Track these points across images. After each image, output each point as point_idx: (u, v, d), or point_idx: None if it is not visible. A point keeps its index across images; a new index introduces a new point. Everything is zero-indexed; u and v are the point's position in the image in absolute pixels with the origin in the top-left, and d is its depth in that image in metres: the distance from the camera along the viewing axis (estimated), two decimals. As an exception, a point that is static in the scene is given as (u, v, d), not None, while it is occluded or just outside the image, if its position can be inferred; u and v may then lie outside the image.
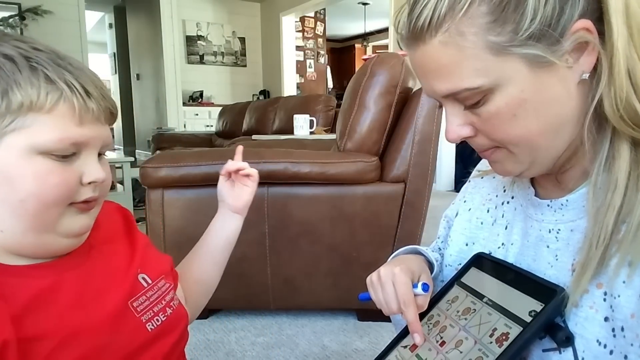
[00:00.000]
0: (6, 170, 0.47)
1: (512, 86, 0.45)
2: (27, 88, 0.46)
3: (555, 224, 0.53)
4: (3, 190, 0.47)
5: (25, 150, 0.47)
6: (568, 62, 0.45)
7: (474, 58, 0.45)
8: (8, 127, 0.46)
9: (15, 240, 0.50)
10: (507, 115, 0.47)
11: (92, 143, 0.51)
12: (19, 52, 0.48)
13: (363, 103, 1.42)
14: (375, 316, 1.53)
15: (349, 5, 6.98)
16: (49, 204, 0.49)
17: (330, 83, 8.07)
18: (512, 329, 0.48)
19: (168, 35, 5.66)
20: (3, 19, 4.36)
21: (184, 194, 1.38)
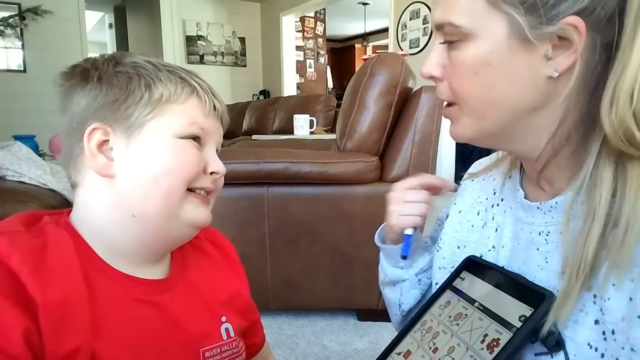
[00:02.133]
0: (146, 153, 0.52)
1: (486, 43, 0.46)
2: (166, 83, 0.53)
3: (545, 227, 0.52)
4: (141, 173, 0.52)
5: (165, 135, 0.52)
6: (547, 53, 0.45)
7: None
8: (148, 115, 0.52)
9: (142, 227, 0.53)
10: (469, 69, 0.48)
11: (214, 136, 0.57)
12: (155, 61, 0.55)
13: (363, 103, 1.42)
14: (375, 316, 1.53)
15: (349, 5, 6.98)
16: (179, 180, 0.53)
17: (330, 83, 8.07)
18: (502, 334, 0.48)
19: (168, 35, 5.66)
20: (3, 19, 4.36)
21: (184, 194, 1.38)
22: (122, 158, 0.52)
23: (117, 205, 0.52)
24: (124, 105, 0.51)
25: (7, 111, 4.39)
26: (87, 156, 0.51)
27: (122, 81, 0.52)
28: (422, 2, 4.20)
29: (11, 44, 4.52)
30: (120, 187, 0.52)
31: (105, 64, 0.53)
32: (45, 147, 3.12)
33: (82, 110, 0.52)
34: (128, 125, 0.52)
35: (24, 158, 2.12)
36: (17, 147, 2.19)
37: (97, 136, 0.51)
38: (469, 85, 0.49)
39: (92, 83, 0.52)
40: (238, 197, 1.40)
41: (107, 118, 0.52)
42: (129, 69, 0.53)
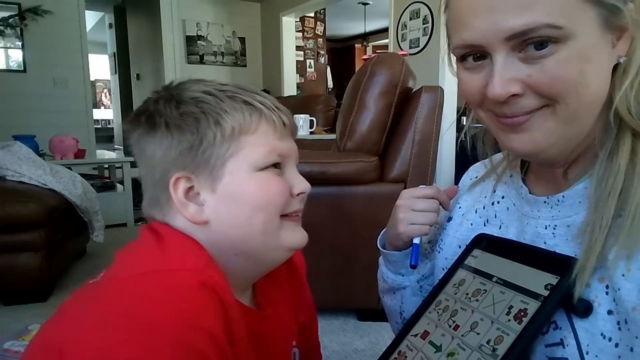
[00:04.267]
0: (231, 194, 0.51)
1: (586, 39, 0.43)
2: (233, 113, 0.51)
3: (552, 220, 0.53)
4: (233, 214, 0.52)
5: (246, 170, 0.52)
6: (613, 41, 0.45)
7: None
8: (227, 153, 0.51)
9: (243, 262, 0.53)
10: (574, 68, 0.44)
11: (291, 155, 0.56)
12: (211, 87, 0.53)
13: (363, 103, 1.42)
14: (375, 316, 1.53)
15: (349, 5, 6.98)
16: (272, 213, 0.53)
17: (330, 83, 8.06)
18: (529, 304, 0.47)
19: (168, 35, 5.66)
20: (3, 19, 4.35)
21: (184, 194, 1.38)
22: (211, 202, 0.51)
23: (216, 246, 0.51)
24: (200, 150, 0.50)
25: (7, 111, 4.38)
26: (178, 206, 0.51)
27: (190, 124, 0.50)
28: (422, 2, 4.20)
29: (11, 44, 4.52)
30: (216, 230, 0.52)
31: (166, 107, 0.52)
32: (45, 147, 3.12)
33: (160, 161, 0.51)
34: (209, 168, 0.51)
35: (24, 158, 2.12)
36: (17, 147, 2.19)
37: (182, 185, 0.51)
38: (571, 85, 0.44)
39: (161, 131, 0.51)
40: (238, 197, 1.40)
41: (187, 166, 0.51)
42: (192, 107, 0.51)
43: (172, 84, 0.55)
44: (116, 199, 3.11)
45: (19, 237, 1.72)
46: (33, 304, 1.77)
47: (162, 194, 0.52)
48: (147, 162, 0.53)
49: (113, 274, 0.49)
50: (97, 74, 8.73)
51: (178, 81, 0.56)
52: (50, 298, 1.84)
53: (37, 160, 2.16)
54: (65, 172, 2.19)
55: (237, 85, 0.55)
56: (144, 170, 0.54)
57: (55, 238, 1.87)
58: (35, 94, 4.57)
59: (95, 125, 5.65)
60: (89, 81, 4.96)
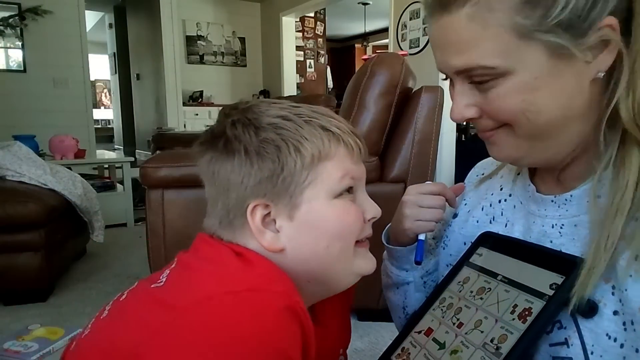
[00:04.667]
0: (310, 222, 0.51)
1: (527, 72, 0.45)
2: (312, 140, 0.50)
3: (559, 219, 0.53)
4: (310, 242, 0.51)
5: (324, 199, 0.51)
6: (587, 57, 0.45)
7: (496, 37, 0.44)
8: (306, 181, 0.50)
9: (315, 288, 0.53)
10: (515, 99, 0.46)
11: (362, 178, 0.56)
12: (287, 111, 0.52)
13: (363, 103, 1.42)
14: (375, 316, 1.53)
15: (349, 5, 6.98)
16: (349, 242, 0.53)
17: (330, 83, 8.06)
18: (534, 303, 0.47)
19: (168, 35, 5.66)
20: (3, 19, 4.35)
21: (184, 194, 1.38)
22: (287, 229, 0.51)
23: (289, 272, 0.50)
24: (281, 178, 0.50)
25: (7, 111, 4.38)
26: (255, 233, 0.50)
27: (271, 153, 0.49)
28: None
29: (11, 44, 4.52)
30: (290, 257, 0.51)
31: (245, 132, 0.50)
32: (45, 147, 3.12)
33: (236, 187, 0.51)
34: (288, 196, 0.50)
35: (24, 158, 2.12)
36: (17, 147, 2.19)
37: (260, 212, 0.50)
38: (517, 113, 0.47)
39: (239, 158, 0.50)
40: (238, 197, 1.40)
41: (266, 194, 0.50)
42: (271, 134, 0.50)
43: (243, 105, 0.54)
44: (116, 199, 3.11)
45: (19, 237, 1.72)
46: (33, 304, 1.77)
47: (237, 219, 0.51)
48: (220, 185, 0.52)
49: (190, 288, 0.47)
50: (97, 74, 8.73)
51: (249, 103, 0.54)
52: (50, 298, 1.84)
53: (37, 160, 2.16)
54: (65, 172, 2.19)
55: (311, 107, 0.54)
56: (213, 190, 0.54)
57: (55, 238, 1.87)
58: (35, 94, 4.57)
59: (95, 125, 5.66)
60: (89, 81, 4.96)
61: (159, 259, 1.36)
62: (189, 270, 0.51)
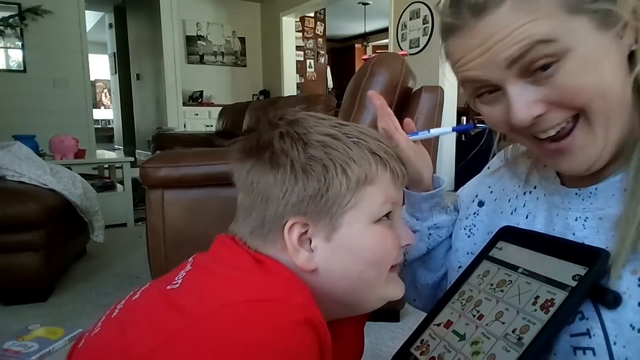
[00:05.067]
0: (347, 246, 0.50)
1: (586, 46, 0.44)
2: (360, 163, 0.50)
3: (583, 212, 0.53)
4: (345, 266, 0.50)
5: (364, 223, 0.50)
6: (619, 31, 0.45)
7: (548, 17, 0.43)
8: (348, 204, 0.49)
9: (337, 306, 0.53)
10: (586, 77, 0.44)
11: (400, 204, 0.55)
12: (336, 130, 0.51)
13: (363, 103, 1.42)
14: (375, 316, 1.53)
15: (349, 5, 6.98)
16: (384, 268, 0.52)
17: (330, 83, 8.07)
18: (556, 294, 0.46)
19: (168, 35, 5.66)
20: (3, 19, 4.35)
21: (184, 194, 1.38)
22: (323, 251, 0.50)
23: (316, 291, 0.49)
24: (324, 199, 0.49)
25: (7, 111, 4.39)
26: (290, 251, 0.49)
27: (317, 172, 0.48)
28: (422, 2, 4.20)
29: (11, 44, 4.52)
30: (321, 277, 0.50)
31: (293, 147, 0.49)
32: (45, 147, 3.12)
33: (276, 200, 0.49)
34: (329, 217, 0.49)
35: (24, 158, 2.12)
36: (17, 147, 2.19)
37: (297, 230, 0.49)
38: (592, 92, 0.45)
39: (284, 172, 0.49)
40: (238, 197, 1.40)
41: (307, 213, 0.49)
42: (320, 152, 0.49)
43: (291, 116, 0.52)
44: (116, 199, 3.11)
45: (19, 237, 1.72)
46: (33, 304, 1.77)
47: (271, 232, 0.50)
48: (258, 195, 0.51)
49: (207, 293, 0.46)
50: (97, 74, 8.73)
51: (296, 115, 0.53)
52: (50, 298, 1.84)
53: (37, 160, 2.16)
54: (65, 172, 2.19)
55: (358, 127, 0.53)
56: (248, 199, 0.52)
57: (55, 238, 1.87)
58: (35, 94, 4.58)
59: (95, 125, 5.66)
60: (89, 81, 4.96)
61: (159, 259, 1.36)
62: (207, 274, 0.50)
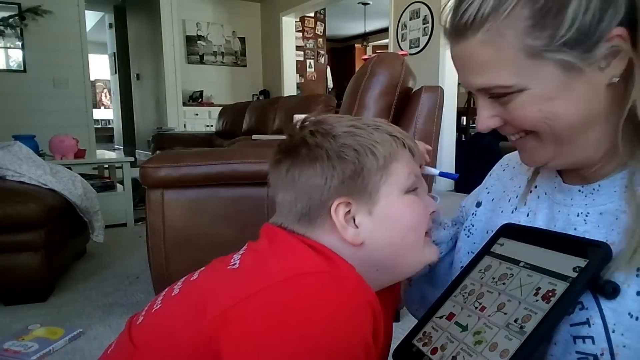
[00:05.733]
0: (387, 216, 0.57)
1: (541, 87, 0.48)
2: (383, 144, 0.58)
3: (585, 208, 0.54)
4: (389, 234, 0.57)
5: (396, 194, 0.58)
6: (600, 66, 0.47)
7: (510, 59, 0.47)
8: (381, 180, 0.57)
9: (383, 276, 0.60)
10: (532, 109, 0.49)
11: (420, 176, 0.62)
12: (356, 122, 0.59)
13: (363, 103, 1.42)
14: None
15: (349, 5, 6.98)
16: (420, 231, 0.60)
17: (330, 83, 8.07)
18: (557, 285, 0.48)
19: (168, 35, 5.66)
20: (3, 19, 4.35)
21: (184, 194, 1.38)
22: (367, 224, 0.57)
23: (361, 264, 0.55)
24: (360, 178, 0.56)
25: (7, 111, 4.39)
26: (339, 229, 0.56)
27: (350, 156, 0.56)
28: (422, 2, 4.20)
29: (11, 44, 4.52)
30: (368, 249, 0.57)
31: (325, 139, 0.56)
32: (45, 147, 3.12)
33: (320, 189, 0.56)
34: (367, 194, 0.57)
35: (24, 158, 2.12)
36: (17, 147, 2.19)
37: (342, 210, 0.56)
38: (536, 122, 0.50)
39: (322, 162, 0.56)
40: (238, 197, 1.40)
41: (349, 193, 0.56)
42: (349, 140, 0.56)
43: (314, 118, 0.60)
44: (116, 199, 3.11)
45: (19, 237, 1.72)
46: (33, 304, 1.77)
47: (319, 216, 0.57)
48: (302, 188, 0.57)
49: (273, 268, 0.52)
50: (97, 74, 8.73)
51: (318, 117, 0.60)
52: (50, 298, 1.84)
53: (37, 160, 2.16)
54: (65, 172, 2.19)
55: (371, 118, 0.62)
56: (291, 194, 0.58)
57: (55, 238, 1.87)
58: (35, 94, 4.58)
59: (95, 125, 5.66)
60: (89, 81, 4.96)
61: (159, 259, 1.36)
62: (266, 254, 0.56)
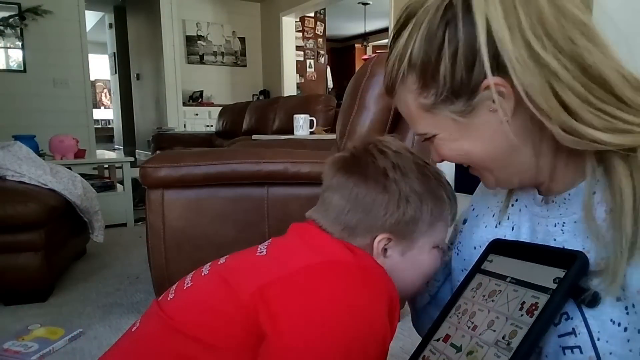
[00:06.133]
0: (414, 261, 0.64)
1: (445, 132, 0.56)
2: (441, 204, 0.64)
3: (560, 218, 0.56)
4: (405, 274, 0.64)
5: (428, 247, 0.65)
6: (490, 108, 0.51)
7: (416, 114, 0.57)
8: (425, 233, 0.63)
9: None
10: (446, 149, 0.58)
11: None
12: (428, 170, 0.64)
13: (363, 103, 1.42)
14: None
15: (349, 5, 6.98)
16: (429, 278, 0.69)
17: (330, 83, 8.06)
18: (539, 298, 0.50)
19: (168, 35, 5.66)
20: (3, 19, 4.36)
21: (184, 194, 1.38)
22: (394, 259, 0.63)
23: None
24: (412, 225, 0.62)
25: (7, 111, 4.39)
26: (374, 253, 0.62)
27: (415, 204, 0.61)
28: (422, 2, 4.20)
29: (11, 44, 4.52)
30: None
31: (402, 179, 0.61)
32: (45, 147, 3.12)
33: (376, 217, 0.61)
34: (410, 239, 0.63)
35: (24, 158, 2.11)
36: (17, 147, 2.19)
37: (383, 243, 0.62)
38: (452, 158, 0.59)
39: (392, 198, 0.60)
40: (238, 197, 1.40)
41: (397, 233, 0.62)
42: (421, 188, 0.61)
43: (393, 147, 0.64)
44: (116, 199, 3.11)
45: (19, 237, 1.72)
46: (33, 304, 1.76)
47: (360, 236, 0.62)
48: (359, 206, 0.61)
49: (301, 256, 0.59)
50: (97, 74, 8.73)
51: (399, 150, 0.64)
52: (50, 298, 1.83)
53: (37, 160, 2.16)
54: (65, 172, 2.19)
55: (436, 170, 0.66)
56: (347, 204, 0.62)
57: (55, 238, 1.87)
58: (35, 94, 4.57)
59: (95, 125, 5.66)
60: (89, 81, 4.96)
61: (159, 259, 1.36)
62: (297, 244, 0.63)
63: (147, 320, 0.61)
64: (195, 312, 0.57)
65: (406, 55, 0.53)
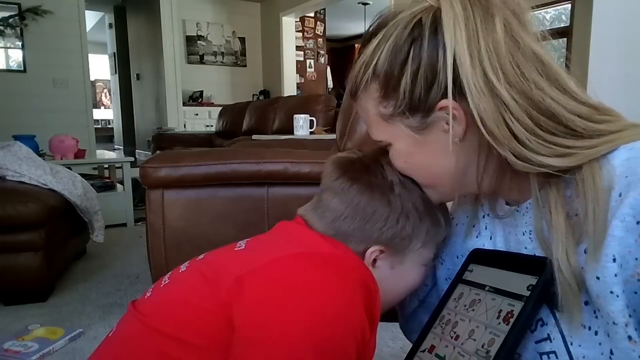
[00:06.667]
0: (402, 276, 0.66)
1: (402, 143, 0.58)
2: (437, 228, 0.65)
3: (526, 226, 0.57)
4: (391, 288, 0.65)
5: (417, 264, 0.66)
6: (443, 128, 0.53)
7: (375, 121, 0.59)
8: (416, 250, 0.64)
9: None
10: (400, 161, 0.60)
11: None
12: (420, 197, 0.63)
13: (363, 103, 1.42)
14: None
15: (349, 5, 6.98)
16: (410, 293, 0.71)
17: (330, 83, 8.06)
18: (515, 306, 0.51)
19: (168, 35, 5.66)
20: (3, 19, 4.36)
21: (184, 194, 1.38)
22: (383, 270, 0.64)
23: None
24: (407, 241, 0.63)
25: (7, 111, 4.39)
26: (364, 261, 0.63)
27: (415, 221, 0.62)
28: (422, 2, 4.20)
29: (11, 44, 4.53)
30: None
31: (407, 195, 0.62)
32: (45, 147, 3.12)
33: (373, 229, 0.62)
34: (402, 254, 0.64)
35: (24, 158, 2.12)
36: (17, 147, 2.19)
37: (375, 254, 0.63)
38: (405, 171, 0.61)
39: (394, 212, 0.61)
40: (238, 197, 1.40)
41: (391, 247, 0.63)
42: (422, 206, 0.62)
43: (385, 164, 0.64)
44: (116, 199, 3.11)
45: (19, 237, 1.72)
46: (33, 304, 1.77)
47: (354, 244, 0.62)
48: (358, 213, 0.62)
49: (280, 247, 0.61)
50: (97, 74, 8.73)
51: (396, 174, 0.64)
52: (50, 298, 1.84)
53: (37, 160, 2.16)
54: (65, 172, 2.19)
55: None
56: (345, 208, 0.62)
57: (55, 238, 1.87)
58: (35, 94, 4.58)
59: (95, 125, 5.66)
60: (89, 81, 4.96)
61: (159, 259, 1.36)
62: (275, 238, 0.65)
63: (123, 323, 0.61)
64: (173, 309, 0.56)
65: (372, 64, 0.55)
